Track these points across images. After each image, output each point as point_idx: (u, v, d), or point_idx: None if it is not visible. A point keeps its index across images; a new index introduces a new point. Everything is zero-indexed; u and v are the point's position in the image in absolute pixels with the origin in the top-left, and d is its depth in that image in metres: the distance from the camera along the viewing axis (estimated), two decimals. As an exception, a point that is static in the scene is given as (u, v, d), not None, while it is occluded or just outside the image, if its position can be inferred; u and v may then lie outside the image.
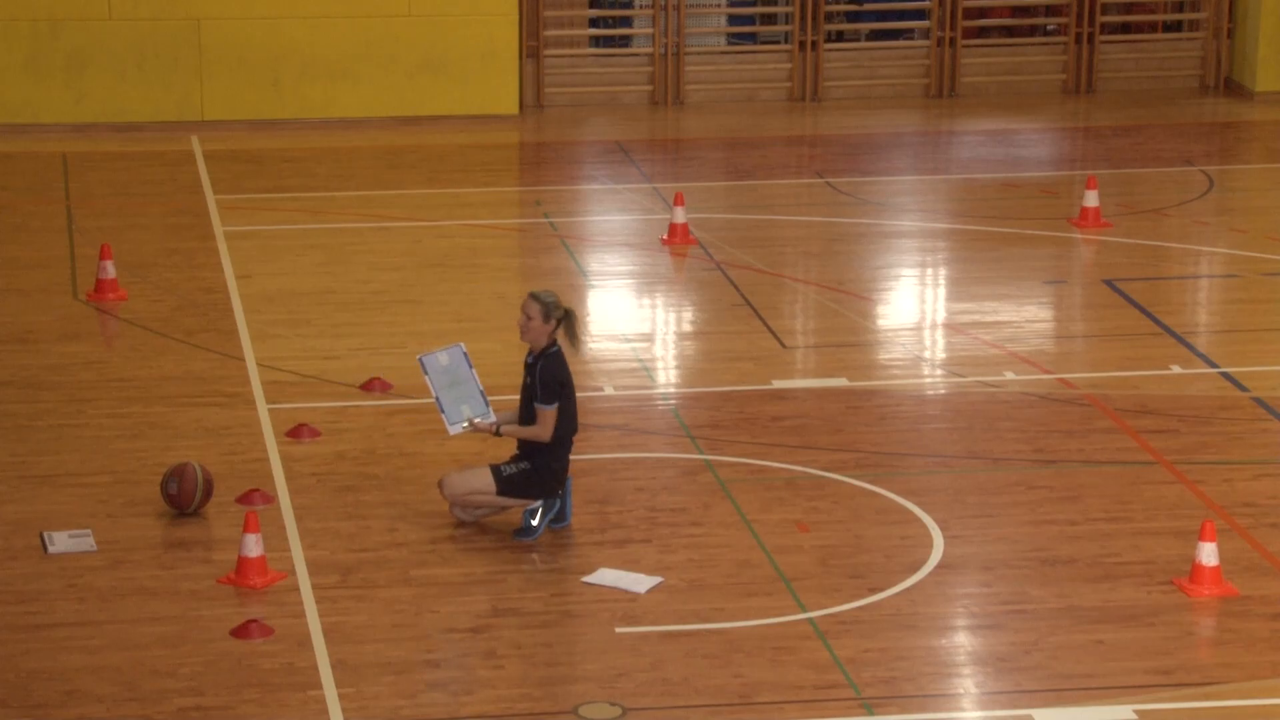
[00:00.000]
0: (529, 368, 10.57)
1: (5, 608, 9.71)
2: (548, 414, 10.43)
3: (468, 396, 10.59)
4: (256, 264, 15.42)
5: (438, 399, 10.56)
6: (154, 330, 13.82)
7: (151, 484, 10.90)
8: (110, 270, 14.49)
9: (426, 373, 10.58)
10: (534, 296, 10.50)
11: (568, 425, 10.55)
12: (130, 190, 17.60)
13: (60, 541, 10.42)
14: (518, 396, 10.66)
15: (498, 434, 10.59)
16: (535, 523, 10.53)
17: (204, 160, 18.52)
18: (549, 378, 10.44)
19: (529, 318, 10.47)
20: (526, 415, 10.59)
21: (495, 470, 10.54)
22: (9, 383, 12.80)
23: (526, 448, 10.58)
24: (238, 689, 8.97)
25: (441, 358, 10.60)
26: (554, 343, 10.50)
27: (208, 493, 10.77)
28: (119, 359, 13.32)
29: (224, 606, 9.75)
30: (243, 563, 10.00)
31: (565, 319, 10.49)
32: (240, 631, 9.45)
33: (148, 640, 9.41)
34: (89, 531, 10.51)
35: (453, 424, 10.56)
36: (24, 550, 10.34)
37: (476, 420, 10.55)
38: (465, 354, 10.65)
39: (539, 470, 10.52)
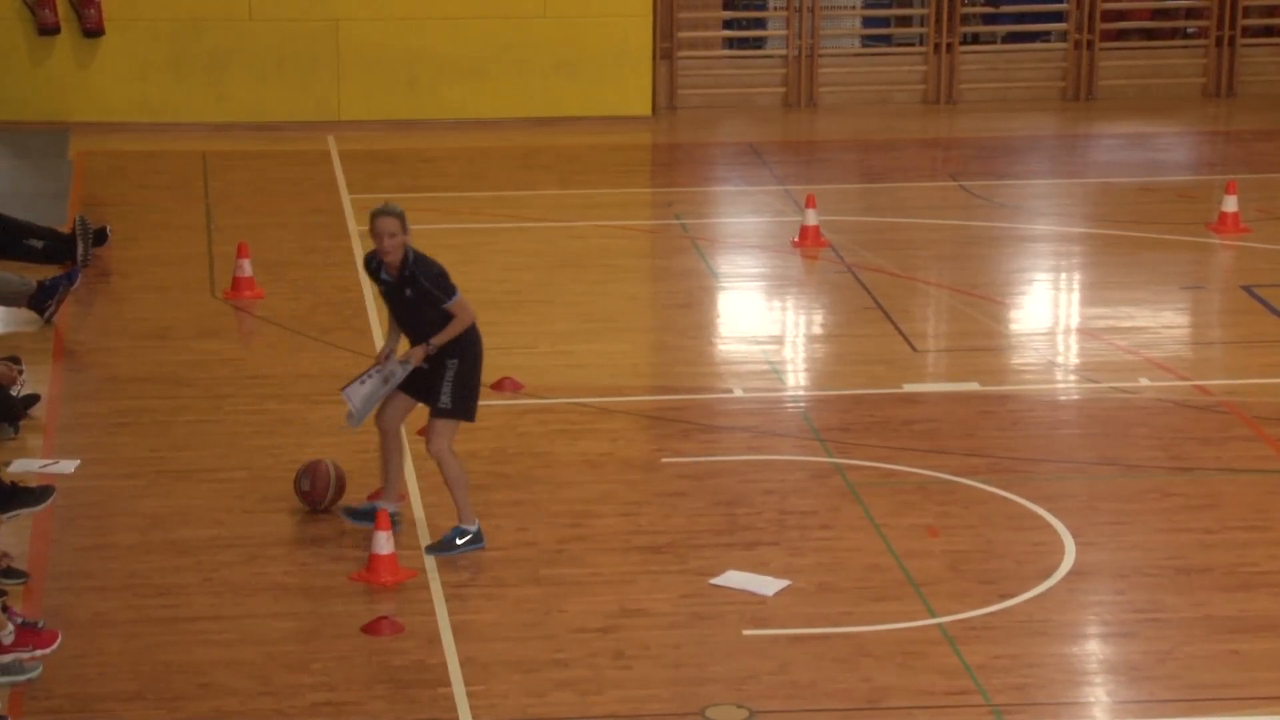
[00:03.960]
0: (398, 286, 10.08)
1: (143, 600, 9.87)
2: (460, 302, 10.07)
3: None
4: (391, 263, 15.53)
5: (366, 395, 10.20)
6: (290, 328, 13.98)
7: (286, 480, 11.02)
8: (247, 268, 14.68)
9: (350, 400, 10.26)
10: (386, 211, 10.01)
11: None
12: (268, 189, 17.82)
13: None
14: (647, 398, 10.63)
15: (430, 352, 10.10)
16: (460, 542, 10.31)
17: (340, 160, 18.71)
18: (434, 276, 10.07)
19: (390, 235, 9.98)
20: (415, 328, 10.17)
21: (438, 413, 10.17)
22: (150, 378, 13.00)
23: (447, 348, 10.13)
24: (368, 685, 9.06)
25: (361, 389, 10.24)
26: (408, 249, 10.06)
27: (340, 490, 10.88)
28: (256, 356, 13.48)
29: (355, 603, 9.84)
30: (374, 560, 10.09)
31: (406, 223, 10.02)
32: (371, 628, 9.53)
33: (281, 635, 9.53)
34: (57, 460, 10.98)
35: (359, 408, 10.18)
36: (161, 544, 10.50)
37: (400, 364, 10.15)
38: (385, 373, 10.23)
39: (471, 352, 10.19)
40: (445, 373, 10.19)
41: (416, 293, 10.16)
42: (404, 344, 10.46)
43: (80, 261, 14.92)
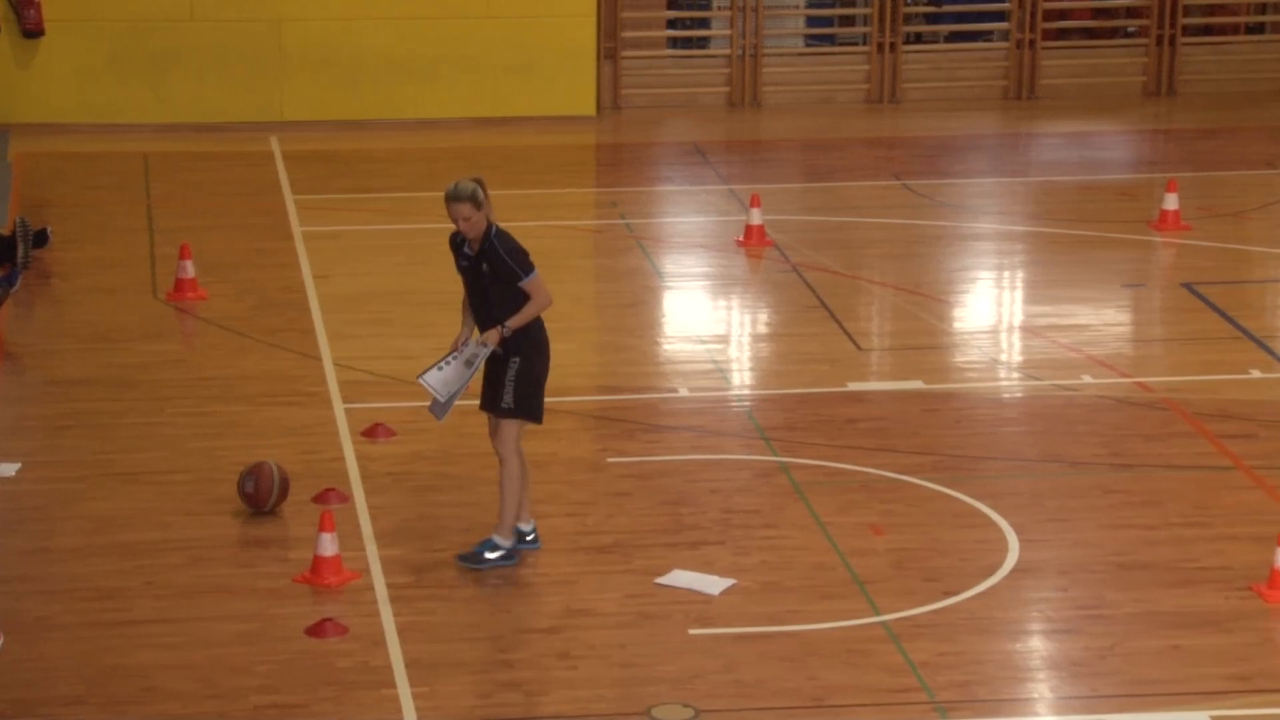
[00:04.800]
0: (475, 260, 9.97)
1: (86, 604, 9.82)
2: (536, 280, 9.97)
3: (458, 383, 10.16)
4: (336, 264, 15.51)
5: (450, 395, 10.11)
6: (234, 330, 13.93)
7: (231, 482, 10.98)
8: (189, 270, 14.62)
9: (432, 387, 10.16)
10: (457, 196, 9.81)
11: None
12: (212, 190, 17.75)
13: None
14: (592, 398, 10.65)
15: (505, 334, 9.99)
16: (491, 556, 10.22)
17: (283, 161, 18.65)
18: (513, 251, 9.97)
19: (465, 219, 9.85)
20: (488, 309, 10.04)
21: (501, 413, 10.11)
22: (94, 381, 12.94)
23: (509, 345, 10.04)
24: (314, 687, 9.04)
25: (437, 374, 10.15)
26: (490, 222, 9.98)
27: (284, 491, 10.85)
28: (200, 358, 13.43)
29: (300, 605, 9.82)
30: (318, 561, 10.07)
31: (486, 193, 9.88)
32: (315, 630, 9.51)
33: (225, 638, 9.50)
34: None
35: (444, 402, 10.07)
36: (105, 547, 10.45)
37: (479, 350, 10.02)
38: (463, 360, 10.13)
39: (534, 351, 10.11)
40: (507, 372, 10.10)
41: (493, 267, 9.98)
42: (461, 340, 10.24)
43: (20, 264, 14.83)
